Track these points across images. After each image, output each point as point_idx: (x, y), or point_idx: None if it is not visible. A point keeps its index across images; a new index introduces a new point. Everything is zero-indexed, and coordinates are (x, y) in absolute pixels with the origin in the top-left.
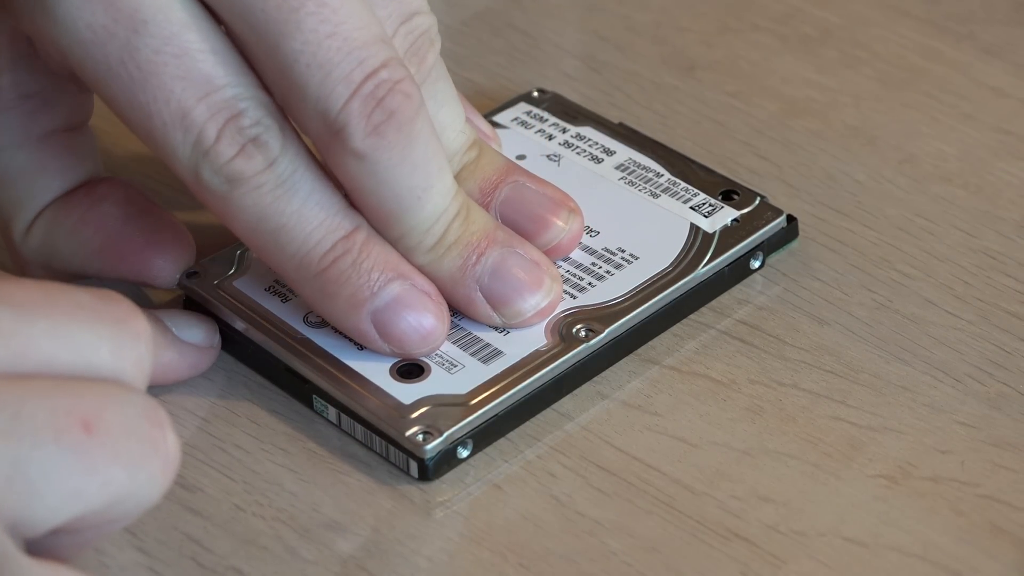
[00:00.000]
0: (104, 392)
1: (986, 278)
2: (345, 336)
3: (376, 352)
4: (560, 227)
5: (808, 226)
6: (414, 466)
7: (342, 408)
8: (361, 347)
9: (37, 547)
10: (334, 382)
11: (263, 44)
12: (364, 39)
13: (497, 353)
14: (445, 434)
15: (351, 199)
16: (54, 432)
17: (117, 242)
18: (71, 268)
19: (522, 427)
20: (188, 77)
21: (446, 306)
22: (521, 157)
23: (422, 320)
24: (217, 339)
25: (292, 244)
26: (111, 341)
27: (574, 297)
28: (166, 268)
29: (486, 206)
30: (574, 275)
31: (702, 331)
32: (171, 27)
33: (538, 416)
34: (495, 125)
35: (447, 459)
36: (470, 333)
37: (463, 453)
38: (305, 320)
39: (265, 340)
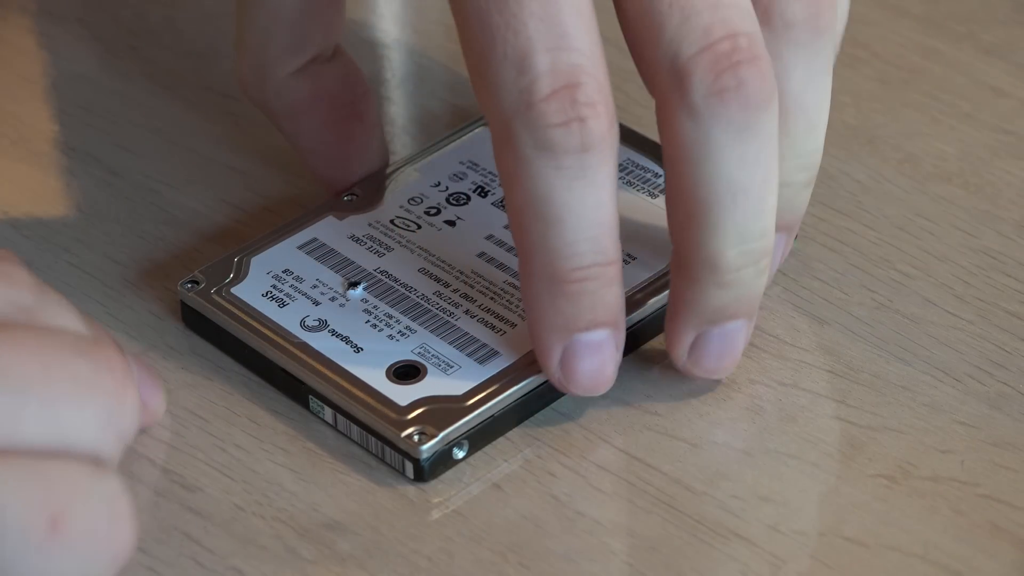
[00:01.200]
0: (76, 480)
1: (986, 278)
2: (342, 340)
3: (544, 373)
4: None
5: (808, 226)
6: (410, 467)
7: (338, 410)
8: (358, 351)
9: None
10: (330, 385)
11: None
12: (730, 0)
13: (493, 354)
14: (440, 435)
15: (669, 180)
16: (22, 529)
17: (345, 156)
18: (298, 142)
19: (522, 426)
20: (547, 22)
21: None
22: None
23: (604, 371)
24: (163, 407)
25: (556, 239)
26: (99, 418)
27: None
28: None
29: None
30: None
31: None
32: None
33: (538, 416)
34: None
35: (443, 460)
36: (467, 334)
37: (459, 454)
38: (302, 324)
39: (263, 345)
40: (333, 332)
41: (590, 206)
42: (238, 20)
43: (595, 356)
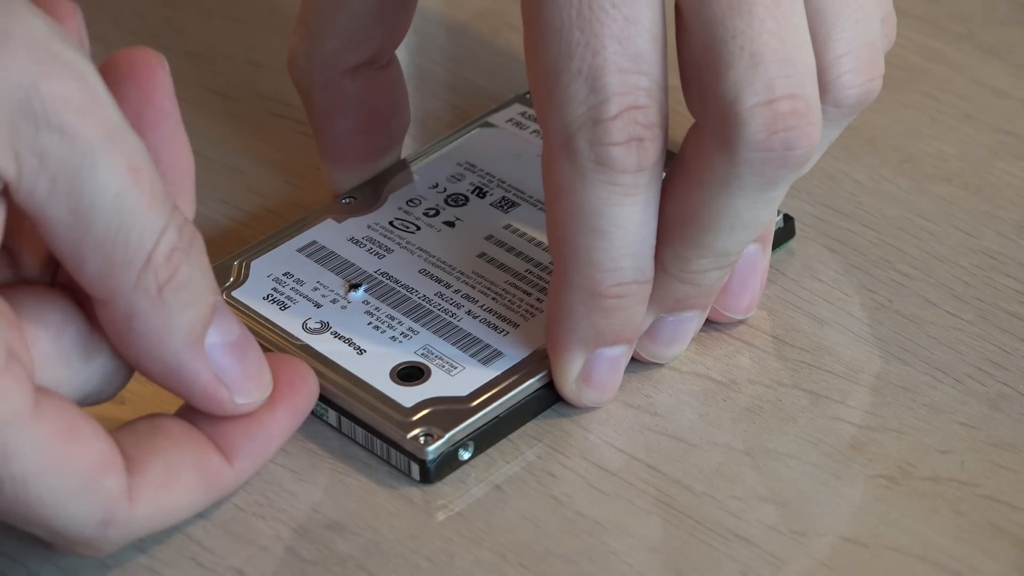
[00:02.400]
0: None
1: (986, 278)
2: (344, 342)
3: (556, 380)
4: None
5: (808, 226)
6: (416, 469)
7: (342, 412)
8: (361, 353)
9: None
10: (334, 387)
11: (709, 11)
12: (797, 57)
13: (497, 354)
14: (446, 436)
15: (671, 184)
16: None
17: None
18: (321, 139)
19: (523, 427)
20: (624, 45)
21: None
22: (517, 157)
23: (615, 384)
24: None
25: (599, 253)
26: None
27: None
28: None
29: None
30: None
31: (702, 331)
32: None
33: (538, 416)
34: (489, 126)
35: (449, 461)
36: (469, 334)
37: (464, 455)
38: (304, 327)
39: (265, 348)
40: (336, 334)
41: (637, 223)
42: (304, 1)
43: (612, 370)
